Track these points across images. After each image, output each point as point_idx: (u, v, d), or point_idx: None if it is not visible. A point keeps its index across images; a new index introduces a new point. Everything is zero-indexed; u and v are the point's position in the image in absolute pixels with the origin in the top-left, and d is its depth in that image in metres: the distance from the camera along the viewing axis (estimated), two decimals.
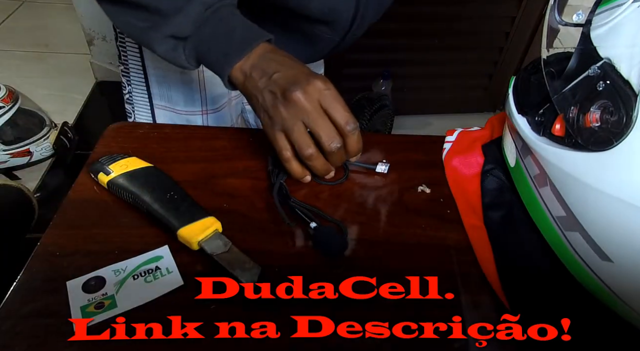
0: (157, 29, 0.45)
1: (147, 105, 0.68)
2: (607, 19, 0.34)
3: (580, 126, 0.35)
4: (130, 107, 0.69)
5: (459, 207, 0.45)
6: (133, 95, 0.67)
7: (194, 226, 0.38)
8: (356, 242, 0.41)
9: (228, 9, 0.45)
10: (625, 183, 0.30)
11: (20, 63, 1.96)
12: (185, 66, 0.48)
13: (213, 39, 0.45)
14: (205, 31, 0.45)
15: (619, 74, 0.32)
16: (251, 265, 0.37)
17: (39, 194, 1.41)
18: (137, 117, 0.69)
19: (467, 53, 1.67)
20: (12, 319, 0.33)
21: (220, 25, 0.44)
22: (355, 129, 0.42)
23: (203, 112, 0.67)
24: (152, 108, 0.68)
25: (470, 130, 0.53)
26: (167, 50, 0.46)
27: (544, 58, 0.41)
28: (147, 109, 0.68)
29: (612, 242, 0.31)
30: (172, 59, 0.47)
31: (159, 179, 0.43)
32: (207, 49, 0.45)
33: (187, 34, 0.45)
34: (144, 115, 0.68)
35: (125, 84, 0.67)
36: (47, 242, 0.39)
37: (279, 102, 0.42)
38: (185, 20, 0.44)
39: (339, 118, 0.41)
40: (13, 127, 1.38)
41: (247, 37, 0.44)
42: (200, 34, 0.45)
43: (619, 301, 0.33)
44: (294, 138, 0.42)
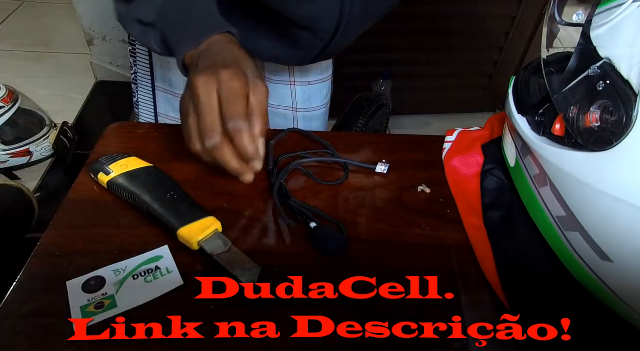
0: (129, 14, 0.46)
1: (150, 86, 0.69)
2: (607, 19, 0.34)
3: (580, 126, 0.35)
4: (135, 87, 0.71)
5: (459, 207, 0.45)
6: (138, 75, 0.70)
7: (194, 226, 0.38)
8: (356, 241, 0.41)
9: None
10: (625, 183, 0.30)
11: (20, 63, 1.96)
12: (157, 51, 0.48)
13: (172, 25, 0.45)
14: (166, 18, 0.45)
15: (619, 74, 0.32)
16: (251, 265, 0.37)
17: (39, 194, 1.41)
18: (140, 97, 0.71)
19: (467, 53, 1.67)
20: (12, 319, 0.33)
21: (179, 13, 0.44)
22: (239, 130, 0.37)
23: None
24: (153, 90, 0.70)
25: (470, 130, 0.53)
26: (138, 33, 0.47)
27: (544, 58, 0.41)
28: (149, 90, 0.70)
29: (612, 242, 0.31)
30: (145, 43, 0.48)
31: (159, 179, 0.43)
32: (167, 35, 0.45)
33: (151, 20, 0.45)
34: (146, 96, 0.71)
35: (132, 64, 0.70)
36: (47, 242, 0.39)
37: (187, 89, 0.40)
38: (147, 7, 0.45)
39: (223, 113, 0.37)
40: (13, 127, 1.38)
41: (201, 27, 0.44)
42: (162, 21, 0.45)
43: (619, 301, 0.33)
44: (186, 128, 0.39)
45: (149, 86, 0.69)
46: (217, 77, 0.37)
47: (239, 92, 0.38)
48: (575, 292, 0.36)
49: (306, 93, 0.74)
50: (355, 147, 0.53)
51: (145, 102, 0.71)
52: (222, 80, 0.37)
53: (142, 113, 0.72)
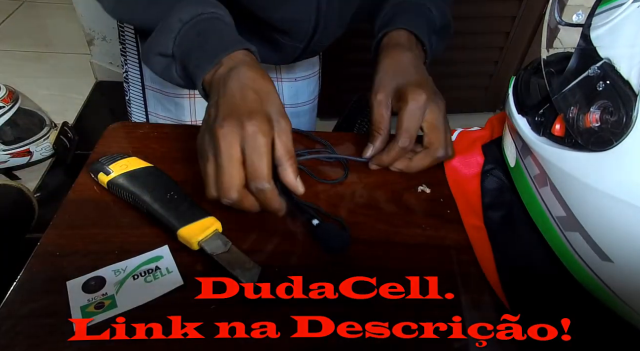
0: (149, 49, 0.46)
1: (139, 85, 0.70)
2: (607, 19, 0.34)
3: (580, 126, 0.35)
4: (127, 86, 0.72)
5: (459, 207, 0.45)
6: (129, 74, 0.70)
7: (194, 226, 0.38)
8: (356, 241, 0.41)
9: (208, 22, 0.45)
10: (625, 183, 0.30)
11: (20, 63, 1.96)
12: (181, 84, 0.47)
13: (190, 51, 0.44)
14: (184, 45, 0.44)
15: (619, 74, 0.32)
16: (251, 265, 0.37)
17: (39, 194, 1.41)
18: (132, 95, 0.72)
19: (467, 53, 1.67)
20: (12, 319, 0.33)
21: (196, 39, 0.44)
22: (262, 191, 0.37)
23: (190, 96, 0.68)
24: (143, 89, 0.70)
25: (470, 130, 0.53)
26: (162, 70, 0.47)
27: (544, 58, 0.41)
28: (139, 88, 0.70)
29: (612, 242, 0.31)
30: (170, 79, 0.47)
31: (159, 179, 0.43)
32: (186, 62, 0.44)
33: (170, 51, 0.45)
34: (137, 94, 0.71)
35: (123, 63, 0.70)
36: (47, 242, 0.39)
37: (206, 130, 0.39)
38: (165, 38, 0.44)
39: (247, 171, 0.37)
40: (13, 127, 1.38)
41: (218, 46, 0.43)
42: (180, 49, 0.45)
43: (619, 301, 0.33)
44: (204, 173, 0.39)
45: (139, 85, 0.70)
46: (241, 130, 0.36)
47: (263, 149, 0.36)
48: (575, 292, 0.36)
49: (293, 89, 0.75)
50: (356, 147, 0.53)
51: (136, 100, 0.72)
52: (246, 135, 0.36)
53: (134, 111, 0.73)
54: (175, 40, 0.44)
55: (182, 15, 0.44)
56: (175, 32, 0.44)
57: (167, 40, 0.44)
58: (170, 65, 0.46)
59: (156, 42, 0.45)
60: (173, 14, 0.44)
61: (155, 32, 0.45)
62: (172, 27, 0.44)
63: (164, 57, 0.46)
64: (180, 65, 0.46)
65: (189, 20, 0.44)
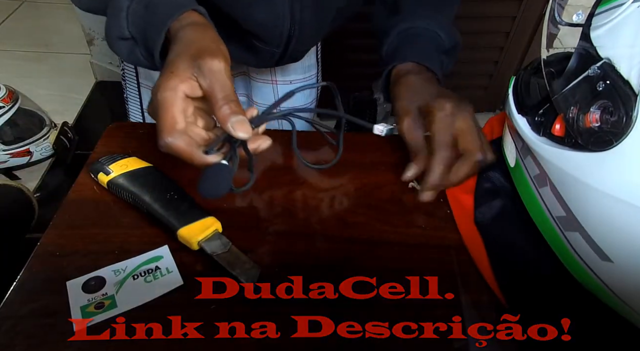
0: (108, 34, 0.44)
1: (135, 83, 0.70)
2: (607, 19, 0.34)
3: (580, 126, 0.35)
4: (124, 84, 0.72)
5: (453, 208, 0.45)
6: (125, 72, 0.70)
7: (194, 226, 0.38)
8: (356, 241, 0.41)
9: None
10: (625, 183, 0.30)
11: (20, 63, 1.96)
12: (147, 65, 0.45)
13: (144, 29, 0.42)
14: (136, 24, 0.42)
15: (619, 74, 0.32)
16: (251, 265, 0.37)
17: (39, 194, 1.41)
18: (129, 94, 0.72)
19: (467, 53, 1.67)
20: (12, 319, 0.33)
21: (145, 13, 0.42)
22: (166, 145, 0.37)
23: None
24: (138, 87, 0.70)
25: None
26: (128, 55, 0.45)
27: (544, 58, 0.41)
28: (135, 86, 0.70)
29: (612, 242, 0.31)
30: (138, 63, 0.45)
31: (159, 179, 0.43)
32: (145, 41, 0.42)
33: (126, 32, 0.43)
34: (133, 92, 0.71)
35: (120, 60, 0.71)
36: (47, 242, 0.39)
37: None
38: (116, 19, 0.42)
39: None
40: (13, 127, 1.38)
41: (164, 15, 0.41)
42: (135, 29, 0.42)
43: (619, 301, 0.33)
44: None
45: (135, 82, 0.70)
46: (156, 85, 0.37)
47: (164, 103, 0.36)
48: (573, 290, 0.36)
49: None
50: (354, 147, 0.53)
51: (133, 98, 0.72)
52: (153, 90, 0.37)
53: (131, 109, 0.73)
54: (127, 19, 0.42)
55: None
56: (124, 11, 0.42)
57: (120, 20, 0.42)
58: (134, 48, 0.44)
59: (111, 25, 0.43)
60: None
61: (108, 15, 0.43)
62: (121, 4, 0.42)
63: (125, 41, 0.44)
64: (142, 46, 0.43)
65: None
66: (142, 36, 0.42)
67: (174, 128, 0.36)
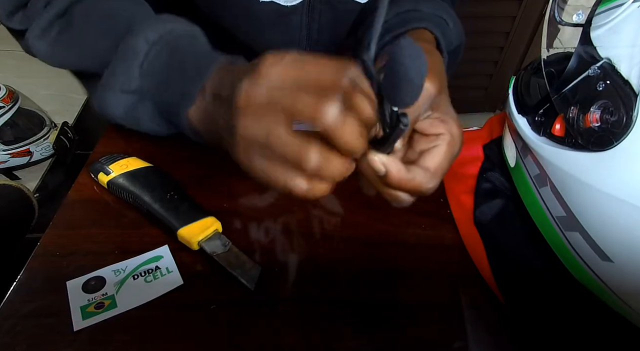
0: (106, 87, 0.37)
1: None
2: (607, 19, 0.34)
3: (580, 126, 0.35)
4: None
5: (452, 207, 0.45)
6: None
7: (194, 226, 0.38)
8: (356, 241, 0.41)
9: (182, 41, 0.36)
10: (625, 183, 0.30)
11: (20, 63, 1.96)
12: (151, 128, 0.39)
13: (166, 80, 0.35)
14: (155, 74, 0.35)
15: (619, 74, 0.32)
16: (251, 265, 0.37)
17: (38, 194, 1.41)
18: None
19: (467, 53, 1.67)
20: (12, 319, 0.33)
21: (169, 61, 0.35)
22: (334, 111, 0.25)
23: None
24: None
25: (469, 130, 0.53)
26: (125, 112, 0.38)
27: (544, 58, 0.41)
28: None
29: (612, 242, 0.31)
30: (134, 122, 0.39)
31: (159, 179, 0.43)
32: (161, 94, 0.36)
33: (136, 82, 0.36)
34: None
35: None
36: (47, 242, 0.38)
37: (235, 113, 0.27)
38: (126, 66, 0.36)
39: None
40: (13, 127, 1.38)
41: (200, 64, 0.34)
42: (150, 80, 0.36)
43: (619, 301, 0.33)
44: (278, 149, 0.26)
45: None
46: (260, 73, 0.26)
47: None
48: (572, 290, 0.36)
49: None
50: None
51: None
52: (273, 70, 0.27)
53: None
54: (142, 68, 0.35)
55: (148, 34, 0.35)
56: (141, 57, 0.35)
57: (131, 68, 0.35)
58: (136, 104, 0.37)
59: (118, 73, 0.36)
60: (136, 34, 0.35)
61: (113, 63, 0.36)
62: (137, 48, 0.35)
63: (128, 95, 0.37)
64: (150, 101, 0.37)
65: (157, 40, 0.35)
66: (160, 88, 0.35)
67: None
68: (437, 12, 0.46)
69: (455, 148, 0.33)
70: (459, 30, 0.49)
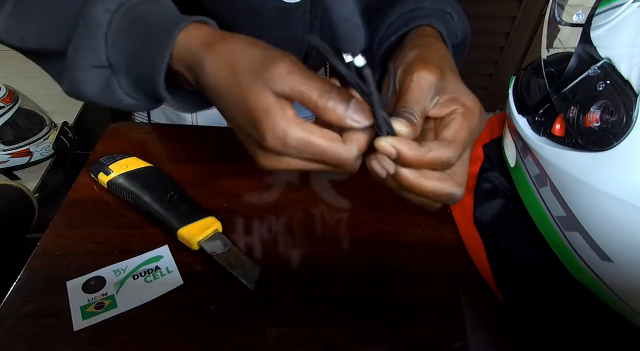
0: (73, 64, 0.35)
1: None
2: (607, 19, 0.34)
3: (580, 126, 0.35)
4: None
5: (452, 207, 0.45)
6: None
7: (194, 226, 0.38)
8: (356, 241, 0.41)
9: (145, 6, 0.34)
10: (625, 183, 0.30)
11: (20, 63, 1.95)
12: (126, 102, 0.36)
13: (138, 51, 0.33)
14: (120, 44, 0.33)
15: (619, 74, 0.32)
16: (251, 265, 0.37)
17: (38, 194, 1.41)
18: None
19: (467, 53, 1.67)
20: (12, 319, 0.33)
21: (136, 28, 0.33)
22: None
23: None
24: None
25: None
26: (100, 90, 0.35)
27: (544, 58, 0.41)
28: None
29: (612, 242, 0.31)
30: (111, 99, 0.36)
31: (159, 179, 0.43)
32: (134, 66, 0.33)
33: (104, 56, 0.34)
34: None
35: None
36: (47, 242, 0.38)
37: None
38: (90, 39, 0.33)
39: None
40: (13, 127, 1.38)
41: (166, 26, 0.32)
42: (117, 51, 0.34)
43: (619, 301, 0.33)
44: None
45: None
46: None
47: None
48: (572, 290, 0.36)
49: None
50: None
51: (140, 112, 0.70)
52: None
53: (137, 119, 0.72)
54: (106, 39, 0.33)
55: (108, 3, 0.33)
56: (104, 27, 0.33)
57: (97, 40, 0.33)
58: (110, 78, 0.35)
59: (81, 48, 0.33)
60: (95, 4, 0.33)
61: (76, 38, 0.34)
62: (98, 19, 0.33)
63: (99, 69, 0.34)
64: (124, 73, 0.34)
65: (117, 8, 0.33)
66: (129, 60, 0.33)
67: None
68: (440, 7, 0.46)
69: (473, 118, 0.31)
70: (464, 23, 0.50)
